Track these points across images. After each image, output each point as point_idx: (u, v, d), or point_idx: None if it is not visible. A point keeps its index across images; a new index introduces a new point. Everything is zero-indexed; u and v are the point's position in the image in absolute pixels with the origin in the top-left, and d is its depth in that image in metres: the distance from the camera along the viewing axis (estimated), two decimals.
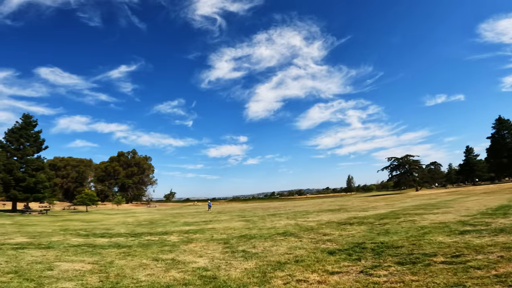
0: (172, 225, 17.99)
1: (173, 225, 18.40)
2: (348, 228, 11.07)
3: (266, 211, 29.65)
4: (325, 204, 38.81)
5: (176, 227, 16.77)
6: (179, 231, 14.18)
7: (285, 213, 24.71)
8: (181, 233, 13.21)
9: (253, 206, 53.46)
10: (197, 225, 17.36)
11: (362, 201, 36.90)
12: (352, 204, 32.42)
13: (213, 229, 14.59)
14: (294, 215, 20.71)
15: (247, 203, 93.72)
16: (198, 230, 14.42)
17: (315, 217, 17.97)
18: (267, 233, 11.11)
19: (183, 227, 16.26)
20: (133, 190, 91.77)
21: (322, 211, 23.86)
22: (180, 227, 16.34)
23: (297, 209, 29.33)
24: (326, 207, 30.36)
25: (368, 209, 20.65)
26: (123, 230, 15.61)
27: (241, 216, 24.24)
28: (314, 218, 17.17)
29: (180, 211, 43.22)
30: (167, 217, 28.44)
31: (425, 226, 9.60)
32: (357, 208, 23.82)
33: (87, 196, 43.83)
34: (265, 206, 44.99)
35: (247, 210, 34.81)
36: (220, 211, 36.68)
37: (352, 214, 17.57)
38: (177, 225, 17.84)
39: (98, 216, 32.27)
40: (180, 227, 16.34)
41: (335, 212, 20.78)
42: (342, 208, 25.69)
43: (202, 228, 15.47)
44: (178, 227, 16.77)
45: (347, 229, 10.66)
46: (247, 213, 28.92)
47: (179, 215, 30.39)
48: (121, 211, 45.07)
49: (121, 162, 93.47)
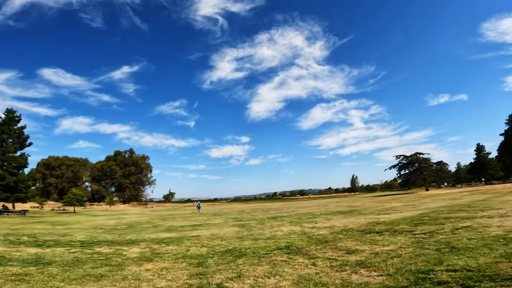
0: (151, 231, 14.81)
1: (152, 230, 15.21)
2: (379, 239, 7.80)
3: (266, 213, 26.39)
4: (331, 205, 35.47)
5: (153, 233, 13.59)
6: (152, 240, 11.00)
7: (287, 215, 21.45)
8: (152, 243, 10.04)
9: (253, 207, 50.21)
10: (180, 231, 14.16)
11: (372, 202, 33.53)
12: (362, 205, 29.07)
13: (196, 237, 11.39)
14: (299, 219, 17.45)
15: (248, 203, 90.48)
16: (176, 238, 11.22)
17: (324, 221, 14.69)
18: (264, 248, 7.88)
19: (161, 234, 13.06)
20: (130, 190, 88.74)
21: (330, 213, 20.57)
22: (157, 234, 13.15)
23: (301, 211, 26.03)
24: (333, 208, 27.05)
25: (388, 211, 17.33)
26: (82, 236, 12.44)
27: (237, 219, 21.02)
28: (324, 223, 13.91)
29: (175, 212, 40.06)
30: (155, 219, 25.27)
31: (503, 236, 6.33)
32: (372, 209, 20.49)
33: (74, 196, 40.75)
34: (266, 207, 41.72)
35: (246, 212, 31.57)
36: (216, 213, 33.47)
37: (371, 218, 14.28)
38: (157, 231, 14.66)
39: (79, 218, 29.14)
40: (157, 234, 13.15)
41: (348, 215, 17.47)
42: (353, 210, 22.37)
43: (183, 235, 12.28)
44: (156, 233, 13.59)
45: (378, 242, 7.40)
46: (245, 215, 25.68)
47: (170, 217, 27.21)
48: (111, 212, 41.97)
49: (118, 161, 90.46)
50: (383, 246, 6.79)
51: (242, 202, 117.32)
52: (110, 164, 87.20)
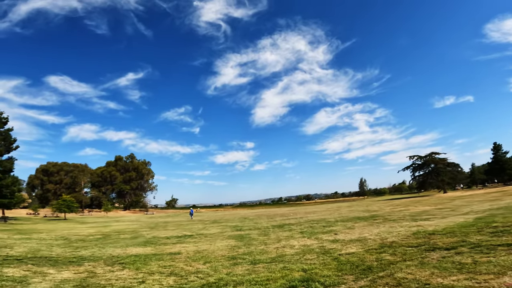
0: (124, 243, 11.61)
1: (126, 242, 12.01)
2: (468, 262, 4.46)
3: (271, 220, 23.02)
4: (343, 209, 31.86)
5: (123, 247, 10.39)
6: (109, 259, 7.82)
7: (296, 223, 18.06)
8: (103, 264, 6.88)
9: (258, 213, 46.77)
10: (159, 245, 10.94)
11: (390, 206, 29.84)
12: (380, 209, 25.47)
13: (173, 256, 8.18)
14: (311, 228, 14.08)
15: (253, 209, 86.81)
16: (145, 257, 8.01)
17: (346, 231, 11.31)
18: (265, 282, 4.62)
19: (131, 249, 9.85)
20: (131, 197, 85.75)
21: (348, 219, 17.13)
22: (127, 249, 9.95)
23: (311, 217, 22.61)
24: (348, 213, 23.56)
25: (423, 216, 13.83)
26: (23, 249, 9.27)
27: (237, 228, 17.73)
28: (348, 233, 10.55)
29: (172, 219, 36.84)
30: (144, 228, 22.09)
31: None
32: (399, 214, 16.97)
33: (65, 202, 37.85)
34: (272, 213, 38.28)
35: (249, 219, 28.22)
36: (216, 220, 30.16)
37: (411, 226, 10.86)
38: (130, 244, 11.44)
39: (61, 225, 26.06)
40: (127, 249, 9.95)
41: (373, 222, 14.04)
42: (374, 215, 18.87)
43: (158, 252, 9.07)
44: (125, 247, 10.39)
45: (477, 268, 4.06)
46: (247, 223, 22.36)
47: (161, 226, 24.00)
48: (104, 219, 38.90)
49: (118, 167, 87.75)
50: (496, 276, 3.46)
51: (247, 207, 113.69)
52: (110, 170, 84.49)
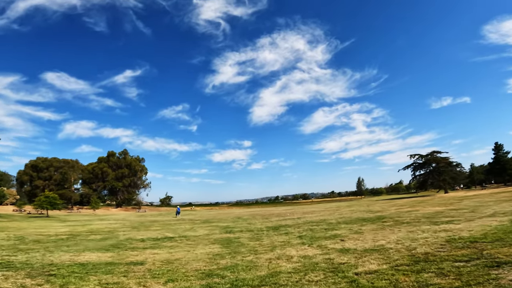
0: (85, 246, 9.58)
1: (89, 245, 9.96)
2: None
3: (266, 221, 21.06)
4: (343, 209, 29.98)
5: (77, 252, 8.34)
6: (47, 266, 5.81)
7: (294, 224, 16.10)
8: (31, 273, 4.84)
9: (253, 212, 44.84)
10: (128, 249, 8.93)
11: (393, 206, 28.00)
12: (384, 209, 23.58)
13: (136, 266, 6.19)
14: (311, 231, 12.11)
15: (249, 208, 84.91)
16: (98, 266, 6.00)
17: (355, 236, 9.35)
18: None
19: (86, 255, 7.80)
20: (123, 194, 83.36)
21: (352, 221, 15.20)
22: (85, 253, 7.90)
23: (310, 218, 20.68)
24: (350, 213, 21.65)
25: (442, 218, 11.90)
26: None
27: (227, 230, 15.73)
28: (358, 240, 8.59)
29: (160, 218, 34.73)
30: (125, 227, 20.01)
31: None
32: (410, 216, 15.04)
33: (47, 199, 35.57)
34: (267, 212, 36.34)
35: (242, 218, 26.24)
36: (208, 219, 28.13)
37: (436, 229, 8.91)
38: (92, 247, 9.39)
39: (37, 223, 23.81)
40: (85, 253, 7.90)
41: (383, 225, 12.09)
42: (381, 216, 16.93)
43: (119, 260, 7.04)
44: (86, 251, 8.38)
45: None
46: (240, 223, 20.38)
47: (146, 225, 21.92)
48: (89, 217, 36.67)
49: (110, 163, 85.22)
50: None
51: (243, 206, 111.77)
52: (102, 166, 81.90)
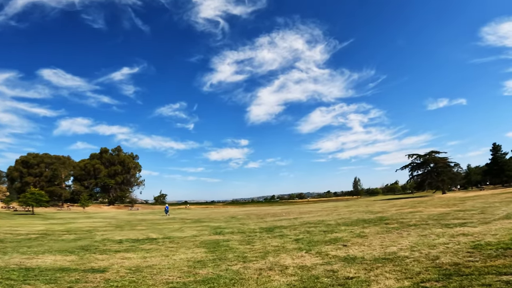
0: (53, 246, 8.29)
1: (57, 245, 8.67)
2: None
3: (261, 221, 19.84)
4: (341, 209, 28.88)
5: (41, 253, 7.09)
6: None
7: (290, 225, 14.90)
8: None
9: (248, 211, 43.63)
10: (97, 252, 7.64)
11: (392, 206, 26.94)
12: (384, 210, 22.47)
13: (94, 274, 4.96)
14: (309, 234, 10.90)
15: (244, 206, 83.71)
16: (44, 273, 4.70)
17: (359, 240, 8.13)
18: None
19: (46, 257, 6.50)
20: (116, 191, 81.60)
21: (352, 222, 14.01)
22: (43, 256, 6.62)
23: (307, 218, 19.50)
24: (348, 214, 20.51)
25: (461, 222, 10.73)
26: None
27: (217, 230, 14.48)
28: (364, 246, 7.37)
29: (151, 217, 33.37)
30: (107, 226, 18.68)
31: None
32: (416, 218, 13.89)
33: (32, 196, 34.04)
34: (262, 212, 35.14)
35: (236, 218, 25.02)
36: (199, 219, 26.86)
37: (451, 233, 7.72)
38: (60, 248, 8.10)
39: (18, 221, 22.32)
40: (43, 256, 6.62)
41: (388, 228, 10.91)
42: (383, 218, 15.78)
43: (78, 266, 5.75)
44: (46, 253, 7.15)
45: None
46: (232, 224, 19.15)
47: (133, 224, 20.58)
48: (76, 215, 35.17)
49: (103, 160, 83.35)
50: None
51: (238, 205, 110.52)
52: (94, 163, 79.99)
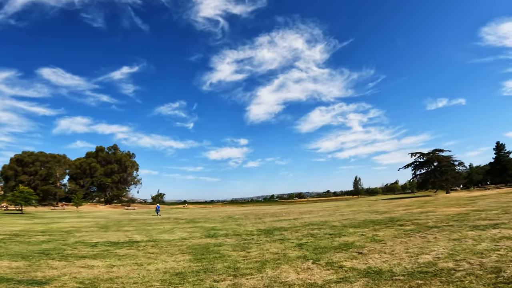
0: (21, 247, 6.89)
1: (23, 248, 7.26)
2: None
3: (259, 222, 18.45)
4: (343, 209, 27.53)
5: None
6: None
7: (291, 227, 13.50)
8: None
9: (247, 211, 42.26)
10: (57, 259, 6.22)
11: (397, 206, 25.62)
12: (389, 210, 21.11)
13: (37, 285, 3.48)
14: (313, 237, 9.52)
15: (243, 206, 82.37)
16: None
17: (375, 246, 6.75)
18: None
19: None
20: (112, 190, 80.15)
21: (359, 224, 12.63)
22: None
23: (308, 219, 18.11)
24: (352, 214, 19.15)
25: (491, 223, 9.36)
26: None
27: (210, 233, 13.10)
28: (386, 254, 6.00)
29: (143, 216, 31.95)
30: (92, 227, 17.28)
31: None
32: (433, 219, 12.51)
33: (21, 194, 32.63)
34: (261, 212, 33.77)
35: (233, 218, 23.64)
36: (194, 219, 25.48)
37: (491, 237, 6.33)
38: (16, 253, 6.69)
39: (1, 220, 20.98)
40: None
41: (406, 231, 9.54)
42: (394, 218, 14.40)
43: (20, 273, 4.33)
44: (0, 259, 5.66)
45: None
46: (228, 224, 17.76)
47: (120, 224, 19.18)
48: (67, 214, 33.73)
49: (99, 158, 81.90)
50: None
51: (237, 204, 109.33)
52: (90, 161, 78.53)
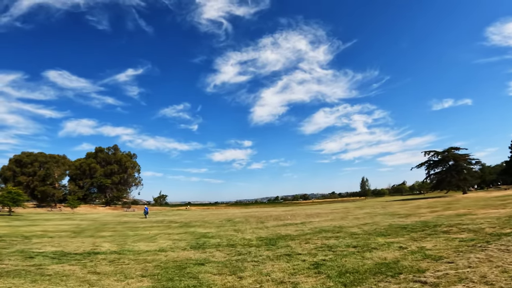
0: None
1: None
2: None
3: (261, 227, 15.87)
4: (355, 211, 24.77)
5: None
6: None
7: (299, 234, 10.91)
8: None
9: (249, 213, 39.67)
10: None
11: (418, 207, 22.83)
12: (414, 212, 18.36)
13: None
14: (333, 253, 6.92)
15: (247, 208, 79.78)
16: None
17: (462, 271, 4.12)
18: None
19: None
20: (112, 191, 78.19)
21: (387, 231, 9.99)
22: None
23: (318, 223, 15.49)
24: (368, 218, 16.47)
25: None
26: None
27: (200, 242, 10.62)
28: (479, 282, 3.37)
29: (134, 219, 29.59)
30: (75, 229, 14.89)
31: None
32: (477, 223, 9.85)
33: (9, 195, 30.55)
34: (264, 214, 31.20)
35: (233, 221, 21.14)
36: (189, 222, 23.03)
37: None
38: None
39: None
40: None
41: (463, 239, 6.92)
42: (429, 223, 11.71)
43: None
44: None
45: None
46: (224, 230, 15.25)
47: (108, 226, 16.80)
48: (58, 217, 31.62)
49: (98, 159, 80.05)
50: None
51: (241, 206, 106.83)
52: (89, 162, 76.70)
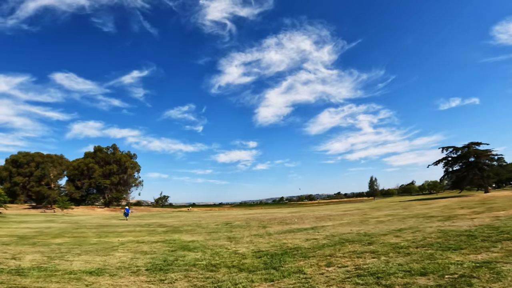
0: None
1: None
2: None
3: (262, 233, 12.59)
4: (372, 213, 21.37)
5: None
6: None
7: (312, 246, 7.60)
8: None
9: (252, 215, 36.40)
10: None
11: (447, 209, 19.35)
12: (449, 213, 14.92)
13: None
14: (380, 284, 3.56)
15: (250, 209, 76.55)
16: None
17: None
18: None
19: None
20: (111, 192, 75.64)
21: (447, 241, 6.67)
22: None
23: (332, 229, 12.17)
24: (399, 222, 13.13)
25: None
26: None
27: (164, 261, 7.35)
28: None
29: (126, 222, 26.58)
30: (36, 233, 11.83)
31: None
32: None
33: None
34: (268, 216, 27.93)
35: (231, 226, 17.92)
36: (180, 226, 19.87)
37: None
38: None
39: None
40: None
41: None
42: (503, 229, 8.31)
43: None
44: None
45: None
46: (215, 239, 12.05)
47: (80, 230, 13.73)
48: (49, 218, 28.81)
49: (97, 158, 77.63)
50: None
51: (245, 207, 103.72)
52: (88, 162, 74.30)
